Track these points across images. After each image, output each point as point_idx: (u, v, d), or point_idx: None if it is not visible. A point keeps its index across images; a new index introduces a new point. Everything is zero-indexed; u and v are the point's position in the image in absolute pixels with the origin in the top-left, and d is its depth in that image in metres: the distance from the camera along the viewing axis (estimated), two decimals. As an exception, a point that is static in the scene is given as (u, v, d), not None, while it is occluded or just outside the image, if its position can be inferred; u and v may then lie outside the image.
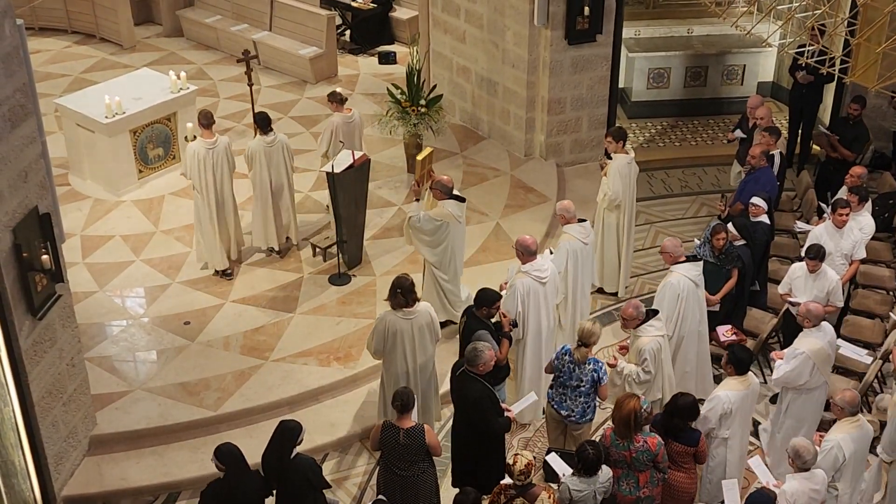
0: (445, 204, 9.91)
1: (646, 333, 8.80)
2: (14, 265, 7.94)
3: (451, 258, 10.25)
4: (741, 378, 8.29)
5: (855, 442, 7.83)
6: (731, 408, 8.19)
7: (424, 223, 9.89)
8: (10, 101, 7.77)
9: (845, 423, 7.86)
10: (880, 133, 13.07)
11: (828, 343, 8.79)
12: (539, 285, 9.29)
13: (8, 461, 8.60)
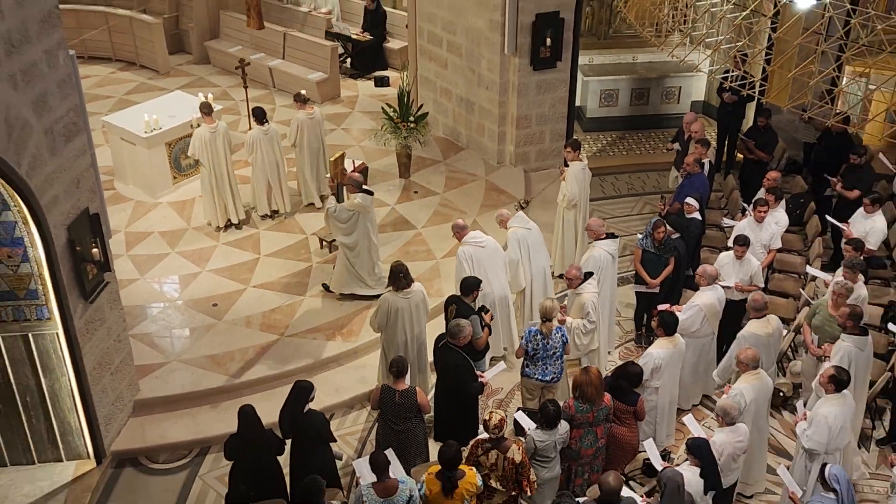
0: (356, 197, 10.13)
1: (585, 290, 9.07)
2: (69, 257, 7.98)
3: (364, 241, 10.40)
4: (670, 338, 8.48)
5: (755, 391, 7.97)
6: (661, 363, 8.39)
7: (340, 213, 10.16)
8: (64, 119, 7.79)
9: (748, 376, 8.00)
10: (793, 143, 13.14)
11: (717, 300, 9.06)
12: (479, 249, 9.54)
13: (65, 422, 8.65)
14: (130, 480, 8.85)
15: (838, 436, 7.79)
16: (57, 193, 7.78)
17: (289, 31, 16.21)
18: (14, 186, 7.26)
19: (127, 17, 16.55)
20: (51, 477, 8.74)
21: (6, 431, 8.60)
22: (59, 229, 7.84)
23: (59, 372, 8.38)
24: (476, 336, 8.47)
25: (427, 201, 12.76)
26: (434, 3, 13.63)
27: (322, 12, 16.78)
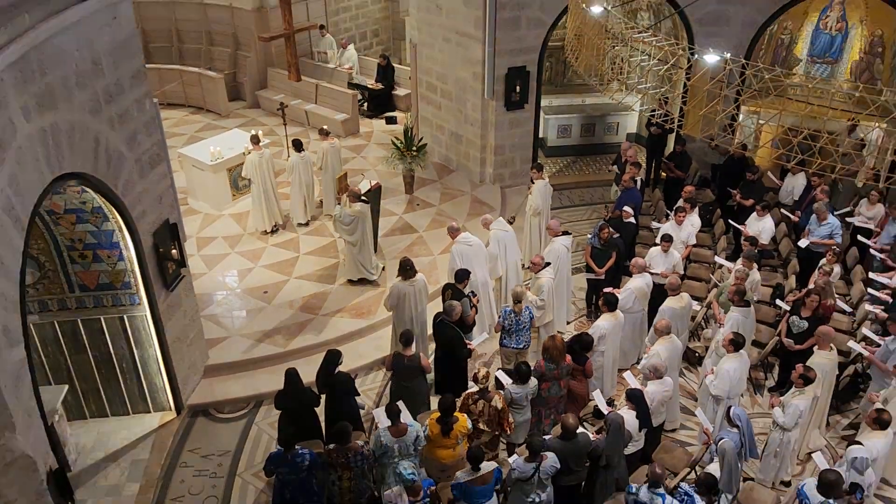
0: (356, 205, 10.24)
1: (543, 275, 9.14)
2: (154, 256, 8.05)
3: (363, 239, 10.51)
4: (612, 314, 8.55)
5: (668, 351, 8.06)
6: (605, 332, 8.45)
7: (344, 218, 10.23)
8: (149, 151, 7.84)
9: (663, 340, 8.09)
10: (703, 164, 13.18)
11: (645, 284, 9.13)
12: (468, 247, 9.55)
13: (152, 382, 8.70)
14: (202, 427, 8.85)
15: (737, 384, 7.88)
16: (144, 208, 7.82)
17: (320, 82, 16.17)
18: (112, 203, 7.31)
19: (196, 73, 16.51)
20: (141, 425, 8.78)
21: (107, 390, 8.63)
22: (147, 235, 7.89)
23: (147, 344, 8.40)
24: (465, 314, 8.50)
25: (426, 211, 12.75)
26: (430, 60, 13.63)
27: (345, 68, 16.76)
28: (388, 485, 6.88)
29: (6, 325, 5.14)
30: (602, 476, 7.13)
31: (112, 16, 6.96)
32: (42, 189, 5.96)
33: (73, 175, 6.55)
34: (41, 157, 5.92)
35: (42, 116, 5.90)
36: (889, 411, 7.16)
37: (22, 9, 5.53)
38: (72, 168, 6.43)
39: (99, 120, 6.87)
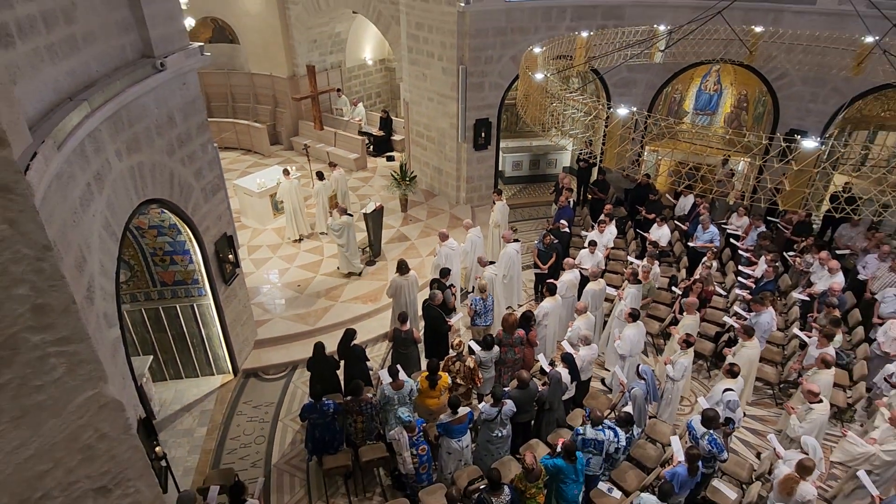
0: (343, 217, 10.41)
1: (488, 270, 9.20)
2: (215, 260, 7.96)
3: (349, 243, 10.59)
4: (552, 297, 8.57)
5: (585, 324, 8.05)
6: (547, 311, 8.45)
7: (334, 226, 10.36)
8: (211, 182, 7.78)
9: (582, 317, 8.10)
10: (619, 189, 13.33)
11: (574, 277, 9.19)
12: (451, 250, 9.61)
13: (216, 353, 8.61)
14: (253, 385, 8.79)
15: (636, 345, 7.94)
16: (208, 224, 7.75)
17: (338, 130, 16.09)
18: (184, 220, 7.24)
19: (246, 125, 16.36)
20: (208, 384, 8.69)
21: (182, 359, 8.54)
22: (210, 244, 7.81)
23: (211, 325, 8.32)
24: (447, 300, 8.51)
25: (417, 225, 12.72)
26: (419, 114, 13.63)
27: (356, 120, 16.71)
28: (391, 426, 6.87)
29: (105, 311, 5.09)
30: (546, 416, 7.17)
31: (182, 82, 6.91)
32: (131, 211, 5.91)
33: (155, 200, 6.50)
34: (130, 187, 5.86)
35: (130, 157, 5.85)
36: (738, 364, 7.30)
37: (114, 77, 5.49)
38: (153, 195, 6.38)
39: (173, 159, 6.82)
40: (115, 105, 5.38)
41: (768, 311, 8.28)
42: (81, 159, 4.86)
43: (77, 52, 5.08)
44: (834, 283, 9.03)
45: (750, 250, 10.34)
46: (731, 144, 12.57)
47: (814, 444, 6.34)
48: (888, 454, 6.34)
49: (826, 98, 11.45)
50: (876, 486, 6.23)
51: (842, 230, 10.77)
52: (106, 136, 5.36)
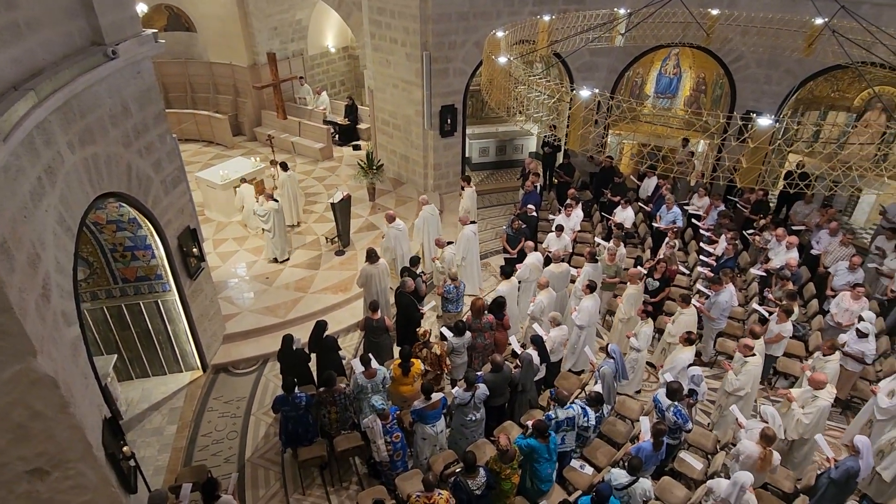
0: (269, 203, 10.43)
1: (447, 250, 9.32)
2: (179, 254, 7.76)
3: (276, 229, 10.57)
4: (508, 280, 8.63)
5: (547, 298, 8.28)
6: (503, 292, 8.43)
7: (260, 212, 10.53)
8: (171, 174, 7.55)
9: (543, 292, 8.29)
10: (584, 172, 13.46)
11: (536, 259, 9.27)
12: (398, 231, 9.72)
13: (183, 349, 8.43)
14: (223, 380, 8.63)
15: (593, 316, 8.08)
16: (170, 217, 7.53)
17: (302, 120, 15.77)
18: (144, 214, 7.02)
19: (206, 115, 15.89)
20: (176, 381, 8.50)
21: (148, 356, 8.33)
22: (173, 238, 7.60)
23: (177, 321, 8.12)
24: (418, 288, 8.49)
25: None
26: (383, 101, 13.46)
27: (320, 109, 16.42)
28: (365, 414, 6.85)
29: (64, 309, 4.90)
30: (519, 398, 7.24)
31: (136, 71, 6.64)
32: (87, 205, 5.68)
33: (112, 194, 6.26)
34: (85, 180, 5.63)
35: (84, 149, 5.61)
36: (694, 332, 7.57)
37: (62, 66, 5.24)
38: (110, 188, 6.14)
39: (130, 151, 6.57)
40: (64, 95, 5.13)
41: (727, 288, 8.51)
42: (30, 152, 4.63)
43: (21, 40, 4.82)
44: (790, 258, 9.34)
45: (710, 229, 10.59)
46: (691, 126, 12.83)
47: (772, 412, 6.57)
48: (807, 416, 6.63)
49: (780, 79, 11.76)
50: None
51: (796, 207, 11.13)
52: (56, 128, 5.12)
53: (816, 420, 6.68)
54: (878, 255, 9.81)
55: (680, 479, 6.62)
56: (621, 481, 5.72)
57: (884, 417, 6.80)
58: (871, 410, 7.08)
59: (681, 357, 7.28)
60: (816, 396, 6.66)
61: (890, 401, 6.78)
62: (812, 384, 6.72)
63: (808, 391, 6.75)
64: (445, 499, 5.44)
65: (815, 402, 6.66)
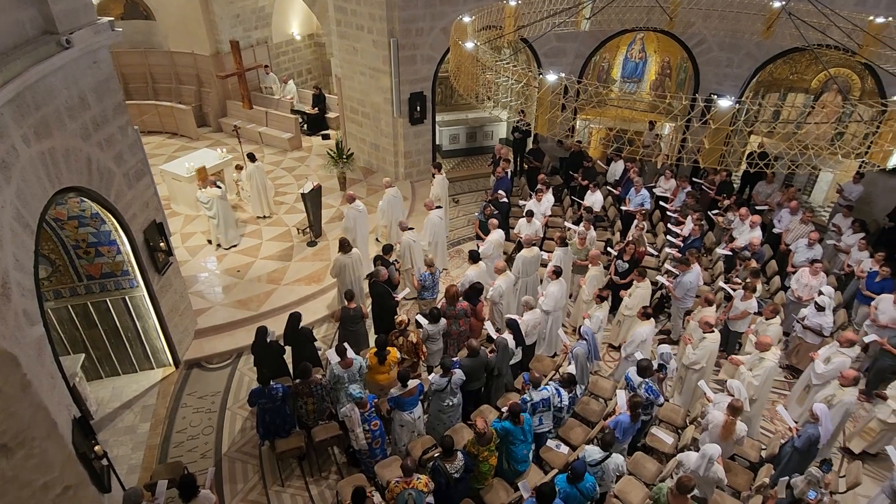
0: (213, 190, 10.39)
1: (406, 235, 9.31)
2: (146, 249, 7.57)
3: (220, 216, 10.55)
4: (476, 264, 8.70)
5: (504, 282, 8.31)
6: (472, 279, 8.47)
7: (202, 198, 10.48)
8: (134, 167, 7.35)
9: (502, 276, 8.36)
10: (554, 158, 13.56)
11: (499, 236, 9.42)
12: (358, 212, 9.78)
13: (153, 345, 8.26)
14: (197, 376, 8.51)
15: (559, 300, 8.20)
16: (135, 211, 7.33)
17: (269, 110, 15.49)
18: (107, 208, 6.82)
19: (169, 107, 15.47)
20: (147, 378, 8.35)
21: (117, 354, 8.15)
22: (138, 233, 7.41)
23: (146, 317, 7.96)
24: (391, 276, 8.47)
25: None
26: (352, 90, 13.30)
27: (287, 98, 16.12)
28: (342, 404, 6.84)
29: (26, 308, 4.75)
30: (495, 382, 7.32)
31: (93, 60, 6.42)
32: (46, 200, 5.50)
33: (72, 188, 6.06)
34: (42, 175, 5.44)
35: (40, 142, 5.41)
36: (632, 303, 7.87)
37: (13, 56, 5.03)
38: (70, 183, 5.95)
39: (89, 144, 6.36)
40: (16, 86, 4.93)
41: (693, 269, 8.72)
42: (-18, 146, 4.46)
43: (-33, 29, 4.61)
44: (753, 237, 9.61)
45: (677, 211, 10.81)
46: (656, 109, 13.03)
47: (738, 386, 6.81)
48: (756, 378, 6.99)
49: (741, 62, 12.01)
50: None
51: (759, 188, 11.43)
52: (9, 120, 4.93)
53: (764, 380, 7.02)
54: (835, 231, 10.17)
55: (652, 453, 6.81)
56: (595, 457, 5.85)
57: (819, 382, 7.19)
58: (809, 377, 7.45)
59: (639, 331, 7.51)
60: (763, 358, 7.00)
61: (826, 367, 7.16)
62: (758, 347, 7.05)
63: (756, 354, 7.09)
64: (424, 483, 5.49)
65: (762, 364, 7.00)
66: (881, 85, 10.72)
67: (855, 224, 9.80)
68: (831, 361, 7.19)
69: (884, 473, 7.11)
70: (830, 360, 7.21)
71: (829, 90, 12.04)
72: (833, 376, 7.00)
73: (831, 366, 7.14)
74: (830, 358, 7.24)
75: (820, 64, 11.50)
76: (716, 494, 6.14)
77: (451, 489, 5.80)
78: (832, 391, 6.83)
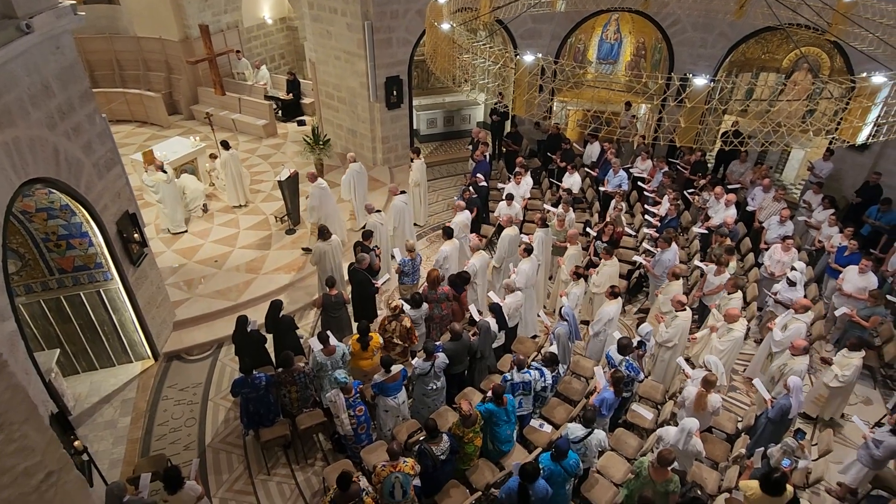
0: (158, 174, 10.37)
1: (372, 217, 9.26)
2: (119, 241, 7.40)
3: (168, 200, 10.47)
4: (450, 240, 8.70)
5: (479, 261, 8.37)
6: (446, 254, 8.59)
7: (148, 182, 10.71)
8: (104, 156, 7.15)
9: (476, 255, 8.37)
10: (532, 140, 13.57)
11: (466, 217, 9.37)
12: (321, 189, 9.74)
13: (131, 338, 8.13)
14: (177, 368, 8.40)
15: (531, 277, 8.29)
16: (106, 202, 7.16)
17: (241, 96, 15.17)
18: (77, 200, 6.64)
19: (138, 94, 15.04)
20: (126, 372, 8.21)
21: (94, 349, 8.00)
22: (111, 224, 7.24)
23: (122, 310, 7.81)
24: (372, 263, 8.43)
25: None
26: (326, 74, 13.09)
27: (261, 84, 15.81)
28: (326, 391, 6.83)
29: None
30: (478, 365, 7.38)
31: (55, 46, 6.19)
32: (12, 193, 5.33)
33: (39, 180, 5.88)
34: (7, 166, 5.26)
35: (3, 132, 5.22)
36: (599, 280, 8.09)
37: (-29, 42, 4.83)
38: (36, 174, 5.77)
39: (56, 133, 6.16)
40: (-25, 74, 4.75)
41: (672, 247, 8.86)
42: (-58, 137, 4.28)
43: (-81, 14, 4.40)
44: (727, 216, 9.78)
45: (654, 192, 10.93)
46: (632, 90, 13.09)
47: (714, 361, 6.97)
48: (722, 344, 7.34)
49: (714, 42, 12.12)
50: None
51: (732, 167, 11.61)
52: (-31, 110, 4.74)
53: (731, 348, 7.35)
54: (805, 208, 10.40)
55: (633, 429, 6.96)
56: (578, 434, 5.96)
57: (778, 349, 7.51)
58: (769, 345, 7.76)
59: (606, 310, 7.65)
60: (731, 329, 7.32)
61: (783, 334, 7.49)
62: (727, 319, 7.39)
63: (724, 325, 7.44)
64: (411, 465, 5.53)
65: (730, 334, 7.31)
66: (849, 63, 10.92)
67: (825, 200, 10.03)
68: (788, 328, 7.50)
69: (852, 440, 7.38)
70: (787, 328, 7.48)
71: (800, 69, 12.23)
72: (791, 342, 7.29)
73: (788, 332, 7.48)
74: (787, 325, 7.53)
75: (791, 43, 11.66)
76: (695, 466, 6.31)
77: (438, 471, 5.85)
78: (784, 360, 7.10)
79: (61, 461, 1.33)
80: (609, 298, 7.71)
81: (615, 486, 6.11)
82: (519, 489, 5.23)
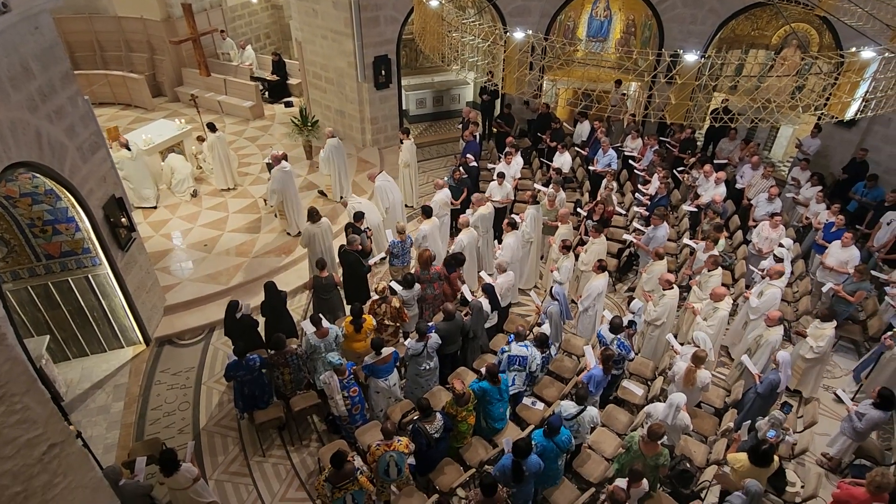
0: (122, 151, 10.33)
1: (351, 199, 9.34)
2: (107, 225, 7.31)
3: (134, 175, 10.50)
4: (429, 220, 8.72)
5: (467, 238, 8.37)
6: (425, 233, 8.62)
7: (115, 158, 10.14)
8: (88, 139, 7.02)
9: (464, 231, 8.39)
10: (522, 120, 13.49)
11: (445, 195, 9.47)
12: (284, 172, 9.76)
13: (121, 324, 8.09)
14: (169, 353, 8.38)
15: (515, 253, 8.36)
16: (91, 186, 7.06)
17: (227, 77, 14.92)
18: (62, 184, 6.54)
19: (121, 76, 14.73)
20: (117, 358, 8.18)
21: (84, 335, 7.95)
22: (97, 208, 7.16)
23: (112, 295, 7.75)
24: (363, 244, 8.40)
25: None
26: (313, 54, 12.87)
27: (246, 65, 15.53)
28: (320, 373, 6.85)
29: (-18, 291, 4.57)
30: (471, 344, 7.42)
31: (34, 26, 6.03)
32: (-5, 177, 5.23)
33: (22, 164, 5.77)
34: (-11, 150, 5.16)
35: (-17, 116, 5.11)
36: (588, 258, 8.16)
37: (-54, 22, 4.69)
38: (18, 158, 5.66)
39: (38, 116, 6.03)
40: (-49, 55, 4.62)
41: (663, 224, 8.91)
42: (-81, 121, 4.18)
43: None
44: (716, 194, 9.83)
45: (645, 170, 10.94)
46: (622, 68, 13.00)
47: (703, 337, 7.06)
48: (710, 327, 7.44)
49: (704, 19, 12.04)
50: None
51: (721, 144, 11.63)
52: (-53, 93, 4.62)
53: (718, 329, 7.51)
54: (794, 185, 10.47)
55: (623, 405, 7.06)
56: (570, 412, 6.03)
57: (755, 316, 7.69)
58: (746, 313, 7.92)
59: (594, 284, 7.73)
60: (717, 308, 7.46)
61: (759, 300, 7.66)
62: (713, 298, 7.52)
63: (710, 304, 7.55)
64: (405, 444, 5.59)
65: (716, 314, 7.46)
66: (838, 38, 10.91)
67: (813, 177, 10.09)
68: (763, 294, 7.63)
69: (836, 411, 7.55)
70: (763, 294, 7.59)
71: (789, 45, 12.21)
72: (767, 308, 7.39)
73: (764, 298, 7.63)
74: (763, 292, 7.64)
75: (781, 19, 11.61)
76: (683, 440, 6.43)
77: (432, 449, 5.92)
78: (760, 332, 7.23)
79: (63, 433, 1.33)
80: (597, 272, 7.78)
81: (606, 461, 6.22)
82: (512, 464, 5.30)
